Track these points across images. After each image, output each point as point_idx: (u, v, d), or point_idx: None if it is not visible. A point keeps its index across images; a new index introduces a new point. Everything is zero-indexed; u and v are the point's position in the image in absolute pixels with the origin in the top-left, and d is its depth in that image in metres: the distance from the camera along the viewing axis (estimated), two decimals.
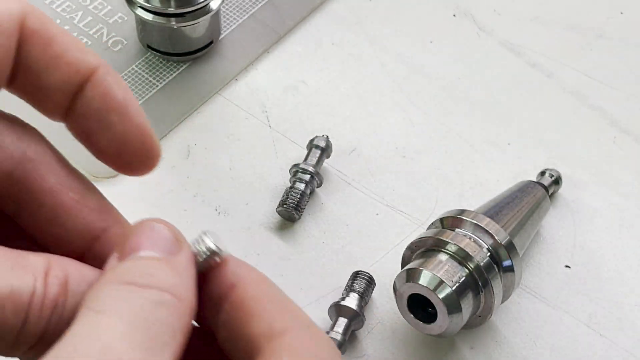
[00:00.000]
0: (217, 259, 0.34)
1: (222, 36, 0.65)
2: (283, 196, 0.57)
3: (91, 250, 0.35)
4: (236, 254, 0.57)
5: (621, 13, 0.68)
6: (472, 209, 0.53)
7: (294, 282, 0.55)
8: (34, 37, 0.34)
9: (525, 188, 0.56)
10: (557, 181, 0.58)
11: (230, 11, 0.66)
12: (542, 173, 0.59)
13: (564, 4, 0.69)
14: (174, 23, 0.61)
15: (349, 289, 0.54)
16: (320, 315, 0.54)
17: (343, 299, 0.53)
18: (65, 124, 0.35)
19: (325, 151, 0.59)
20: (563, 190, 0.60)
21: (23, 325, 0.31)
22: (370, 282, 0.54)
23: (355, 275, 0.54)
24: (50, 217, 0.35)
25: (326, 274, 0.56)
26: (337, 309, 0.53)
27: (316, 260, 0.56)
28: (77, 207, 0.35)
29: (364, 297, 0.53)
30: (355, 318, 0.53)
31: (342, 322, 0.53)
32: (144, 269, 0.32)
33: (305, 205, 0.57)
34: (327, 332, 0.52)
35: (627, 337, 0.54)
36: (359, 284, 0.54)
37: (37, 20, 0.34)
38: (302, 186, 0.57)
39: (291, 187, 0.57)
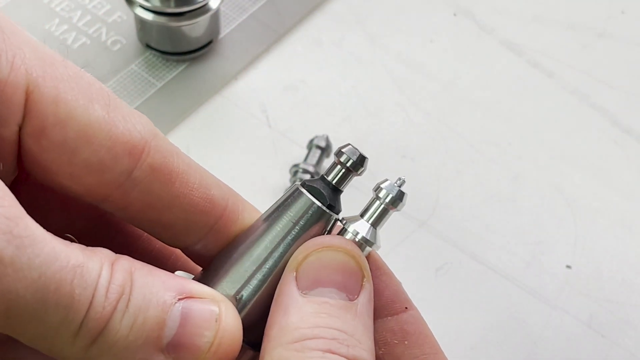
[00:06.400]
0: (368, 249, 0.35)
1: (221, 36, 0.65)
2: None
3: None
4: None
5: (622, 12, 0.68)
6: None
7: None
8: (156, 174, 0.33)
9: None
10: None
11: (230, 11, 0.66)
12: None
13: (564, 4, 0.69)
14: (173, 22, 0.61)
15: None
16: None
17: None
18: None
19: (325, 151, 0.59)
20: (563, 190, 0.59)
21: (89, 307, 0.30)
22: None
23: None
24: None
25: None
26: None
27: None
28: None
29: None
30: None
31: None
32: (335, 324, 0.32)
33: None
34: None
35: (629, 338, 0.54)
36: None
37: (160, 156, 0.33)
38: None
39: None
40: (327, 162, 0.60)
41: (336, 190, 0.36)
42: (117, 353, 0.31)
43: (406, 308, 0.36)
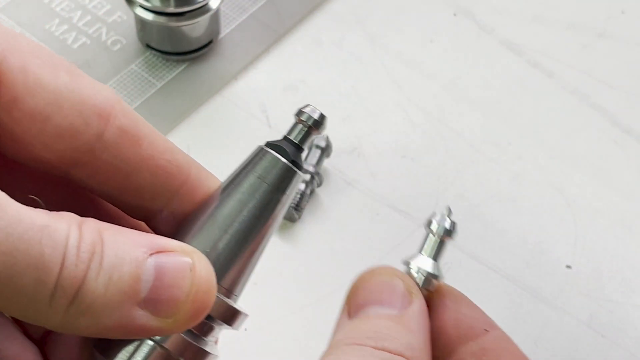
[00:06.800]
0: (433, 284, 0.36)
1: (221, 36, 0.65)
2: None
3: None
4: None
5: (622, 12, 0.68)
6: None
7: (294, 282, 0.55)
8: (124, 136, 0.34)
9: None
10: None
11: (230, 11, 0.66)
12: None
13: (564, 3, 0.69)
14: (173, 22, 0.61)
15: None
16: (321, 316, 0.54)
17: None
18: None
19: (325, 151, 0.59)
20: (563, 189, 0.59)
21: (62, 267, 0.30)
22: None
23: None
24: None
25: (326, 274, 0.56)
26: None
27: (316, 260, 0.56)
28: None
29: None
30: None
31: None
32: (375, 328, 0.32)
33: (305, 205, 0.57)
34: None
35: (629, 338, 0.54)
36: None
37: (127, 119, 0.34)
38: (302, 186, 0.57)
39: None
40: (327, 162, 0.60)
41: (299, 148, 0.37)
42: (96, 312, 0.31)
43: (486, 330, 0.36)
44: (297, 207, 0.57)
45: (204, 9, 0.61)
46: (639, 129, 0.62)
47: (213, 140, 0.61)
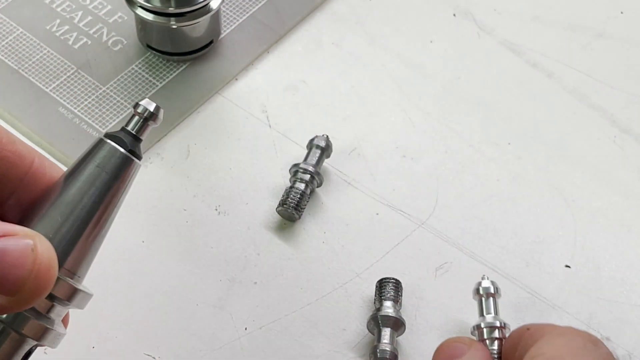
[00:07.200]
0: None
1: (222, 36, 0.65)
2: (283, 196, 0.57)
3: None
4: (236, 254, 0.57)
5: (621, 12, 0.68)
6: None
7: (294, 282, 0.55)
8: None
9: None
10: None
11: (230, 11, 0.66)
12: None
13: (564, 4, 0.69)
14: (173, 23, 0.61)
15: (381, 297, 0.53)
16: (321, 316, 0.54)
17: (379, 309, 0.53)
18: None
19: (325, 151, 0.59)
20: (563, 189, 0.60)
21: None
22: (398, 285, 0.54)
23: (381, 282, 0.54)
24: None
25: (326, 274, 0.56)
26: (378, 320, 0.52)
27: (316, 260, 0.56)
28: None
29: (398, 301, 0.53)
30: (398, 325, 0.52)
31: (387, 331, 0.52)
32: None
33: (305, 205, 0.57)
34: (375, 345, 0.52)
35: (628, 337, 0.54)
36: (389, 290, 0.53)
37: None
38: (302, 186, 0.57)
39: (291, 187, 0.57)
40: (327, 162, 0.60)
41: (137, 139, 0.40)
42: None
43: (527, 329, 0.45)
44: (297, 207, 0.57)
45: (204, 10, 0.62)
46: (638, 129, 0.62)
47: (213, 140, 0.61)
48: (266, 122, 0.62)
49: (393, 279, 0.54)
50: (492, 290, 0.51)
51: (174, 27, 0.62)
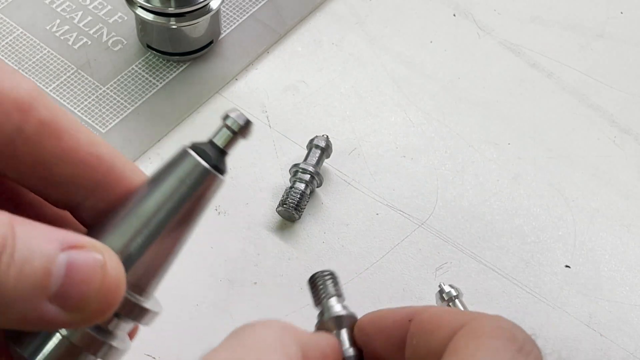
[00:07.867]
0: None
1: (222, 36, 0.65)
2: (283, 196, 0.57)
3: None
4: (236, 254, 0.57)
5: (621, 13, 0.68)
6: None
7: (294, 282, 0.55)
8: (44, 129, 0.34)
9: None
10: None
11: (230, 11, 0.66)
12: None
13: (564, 4, 0.69)
14: (173, 23, 0.61)
15: (323, 296, 0.44)
16: None
17: (322, 312, 0.44)
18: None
19: (325, 151, 0.59)
20: (562, 189, 0.60)
21: None
22: (334, 277, 0.44)
23: (315, 279, 0.45)
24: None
25: None
26: (335, 322, 0.47)
27: (316, 260, 0.56)
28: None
29: (341, 295, 0.47)
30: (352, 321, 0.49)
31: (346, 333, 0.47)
32: None
33: (305, 205, 0.57)
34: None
35: (628, 337, 0.54)
36: (330, 286, 0.47)
37: (48, 112, 0.34)
38: (302, 186, 0.57)
39: (291, 187, 0.57)
40: (327, 162, 0.60)
41: (222, 152, 0.38)
42: (6, 304, 0.31)
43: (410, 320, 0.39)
44: (297, 207, 0.57)
45: (204, 10, 0.62)
46: (637, 129, 0.62)
47: None
48: (266, 122, 0.62)
49: (327, 271, 0.45)
50: (454, 293, 0.50)
51: (173, 27, 0.62)
